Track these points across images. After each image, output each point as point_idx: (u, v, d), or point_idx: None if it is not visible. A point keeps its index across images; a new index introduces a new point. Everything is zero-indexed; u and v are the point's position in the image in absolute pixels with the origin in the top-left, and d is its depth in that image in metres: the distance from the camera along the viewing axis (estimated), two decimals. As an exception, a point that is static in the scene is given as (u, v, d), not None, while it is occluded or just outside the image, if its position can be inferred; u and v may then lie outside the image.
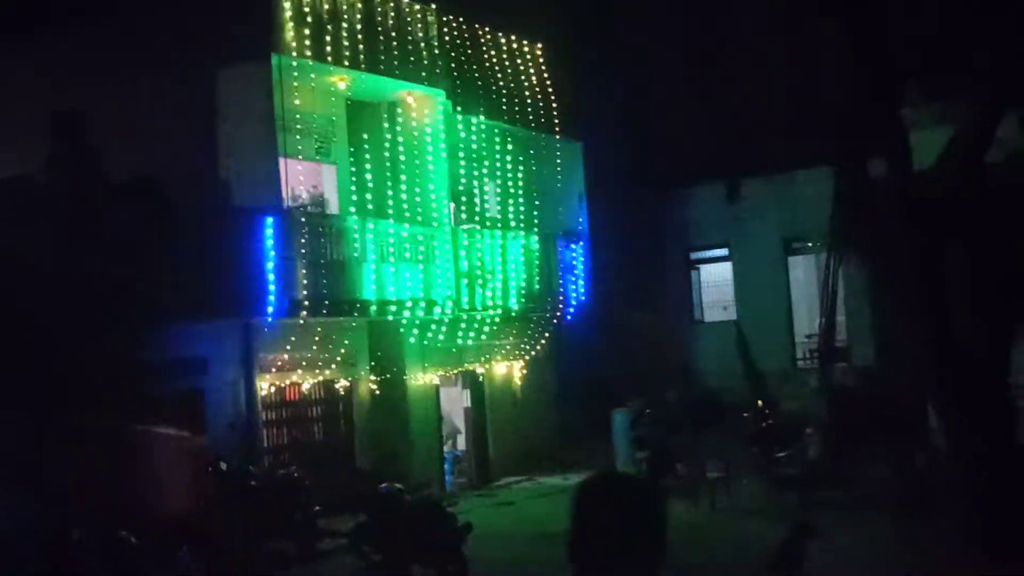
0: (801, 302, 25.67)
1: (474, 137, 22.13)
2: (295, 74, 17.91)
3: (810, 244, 24.81)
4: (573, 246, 24.44)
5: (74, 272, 14.70)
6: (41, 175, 16.82)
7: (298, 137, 18.63)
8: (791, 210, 24.54)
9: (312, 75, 18.51)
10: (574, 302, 24.16)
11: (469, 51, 22.00)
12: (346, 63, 18.75)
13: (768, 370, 22.50)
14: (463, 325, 21.33)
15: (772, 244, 25.17)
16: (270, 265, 17.02)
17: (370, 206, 19.47)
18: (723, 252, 26.32)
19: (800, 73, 20.74)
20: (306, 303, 17.42)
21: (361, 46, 18.99)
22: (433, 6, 20.76)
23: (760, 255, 25.22)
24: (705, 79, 24.89)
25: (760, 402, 20.66)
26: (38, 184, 16.15)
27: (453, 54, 21.42)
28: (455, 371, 21.95)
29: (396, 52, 19.78)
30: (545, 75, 24.14)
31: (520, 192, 23.27)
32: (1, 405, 14.14)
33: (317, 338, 18.48)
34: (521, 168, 23.31)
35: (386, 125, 20.48)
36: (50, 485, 14.36)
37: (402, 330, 20.03)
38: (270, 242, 17.08)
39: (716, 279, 26.82)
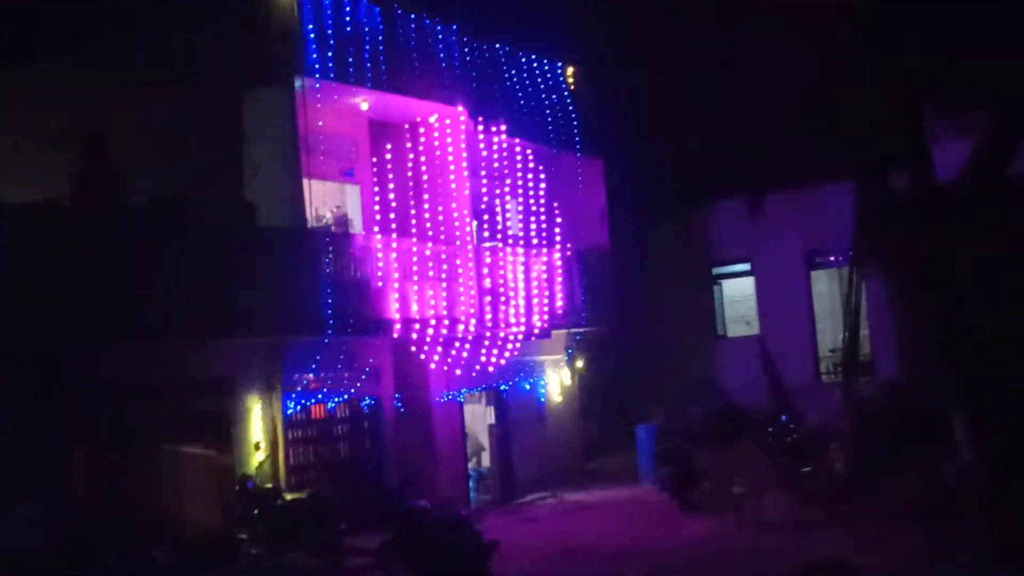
0: (824, 316, 25.60)
1: (496, 155, 22.24)
2: (318, 95, 18.08)
3: (832, 258, 24.76)
4: (595, 262, 24.47)
5: (101, 291, 14.78)
6: (67, 198, 16.93)
7: (321, 158, 18.75)
8: (813, 224, 24.48)
9: (335, 96, 18.66)
10: (597, 318, 24.16)
11: (490, 70, 22.14)
12: (369, 84, 18.89)
13: (792, 384, 22.45)
14: (487, 342, 21.39)
15: (794, 258, 25.12)
16: (295, 285, 17.13)
17: (393, 225, 19.57)
18: (745, 267, 26.29)
19: (822, 85, 20.74)
20: (331, 322, 17.52)
21: (384, 67, 19.16)
22: (455, 26, 20.91)
23: (782, 269, 25.17)
24: (726, 93, 24.90)
25: (784, 416, 20.61)
26: (64, 208, 16.26)
27: (475, 73, 21.57)
28: (479, 388, 22.00)
29: (418, 72, 19.93)
30: (565, 92, 24.25)
31: (542, 209, 23.35)
32: (31, 422, 14.25)
33: (342, 356, 18.57)
34: (543, 185, 23.39)
35: (408, 144, 20.61)
36: (80, 503, 14.46)
37: (426, 348, 20.11)
38: (294, 262, 17.19)
39: (738, 294, 26.78)
